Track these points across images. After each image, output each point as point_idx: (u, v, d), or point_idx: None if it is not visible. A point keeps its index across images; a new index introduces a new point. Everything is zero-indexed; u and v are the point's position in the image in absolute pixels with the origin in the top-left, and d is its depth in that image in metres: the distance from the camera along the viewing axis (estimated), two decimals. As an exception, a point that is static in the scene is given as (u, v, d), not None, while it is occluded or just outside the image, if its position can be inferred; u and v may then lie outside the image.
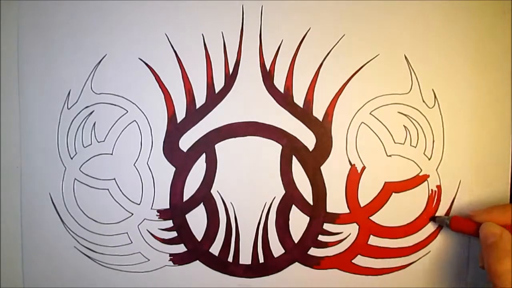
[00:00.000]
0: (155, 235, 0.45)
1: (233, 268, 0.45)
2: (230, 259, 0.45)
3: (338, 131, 0.44)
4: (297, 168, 0.44)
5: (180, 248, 0.45)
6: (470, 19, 0.43)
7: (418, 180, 0.44)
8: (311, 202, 0.44)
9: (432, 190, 0.43)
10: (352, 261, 0.44)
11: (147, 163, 0.45)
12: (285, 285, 0.45)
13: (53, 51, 0.45)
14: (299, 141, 0.44)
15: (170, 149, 0.45)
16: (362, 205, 0.44)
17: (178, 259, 0.45)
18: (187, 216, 0.45)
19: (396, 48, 0.43)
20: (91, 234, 0.45)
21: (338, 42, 0.44)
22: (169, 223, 0.45)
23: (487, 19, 0.43)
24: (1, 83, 0.46)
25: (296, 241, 0.44)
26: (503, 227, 0.37)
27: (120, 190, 0.45)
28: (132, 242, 0.45)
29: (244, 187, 0.44)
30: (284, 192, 0.44)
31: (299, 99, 0.44)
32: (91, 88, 0.45)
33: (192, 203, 0.45)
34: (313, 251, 0.44)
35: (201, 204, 0.45)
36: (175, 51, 0.44)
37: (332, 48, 0.44)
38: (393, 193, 0.44)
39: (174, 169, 0.45)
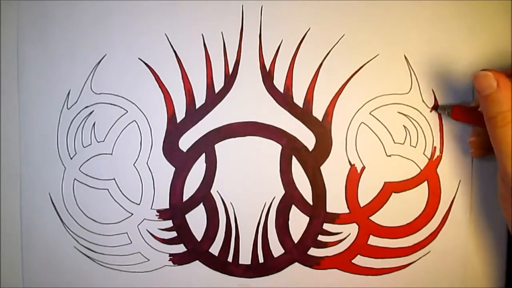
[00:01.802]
0: (155, 235, 0.45)
1: (233, 268, 0.45)
2: (230, 259, 0.45)
3: (338, 131, 0.44)
4: (297, 168, 0.44)
5: (180, 248, 0.45)
6: (470, 19, 0.43)
7: (418, 180, 0.44)
8: (311, 202, 0.44)
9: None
10: (352, 261, 0.44)
11: (146, 163, 0.45)
12: (285, 285, 0.44)
13: (53, 51, 0.45)
14: (299, 141, 0.44)
15: (170, 149, 0.45)
16: (362, 205, 0.44)
17: (178, 259, 0.45)
18: (187, 216, 0.45)
19: (396, 48, 0.43)
20: (91, 234, 0.45)
21: (338, 41, 0.44)
22: (169, 223, 0.45)
23: (487, 19, 0.43)
24: (1, 83, 0.46)
25: (296, 241, 0.44)
26: (500, 74, 0.32)
27: (120, 190, 0.45)
28: (132, 242, 0.45)
29: (244, 187, 0.44)
30: (284, 192, 0.44)
31: (299, 99, 0.44)
32: (91, 88, 0.45)
33: (192, 203, 0.45)
34: (313, 251, 0.44)
35: (201, 204, 0.45)
36: (175, 51, 0.44)
37: (332, 48, 0.44)
38: (393, 193, 0.44)
39: (174, 169, 0.45)
